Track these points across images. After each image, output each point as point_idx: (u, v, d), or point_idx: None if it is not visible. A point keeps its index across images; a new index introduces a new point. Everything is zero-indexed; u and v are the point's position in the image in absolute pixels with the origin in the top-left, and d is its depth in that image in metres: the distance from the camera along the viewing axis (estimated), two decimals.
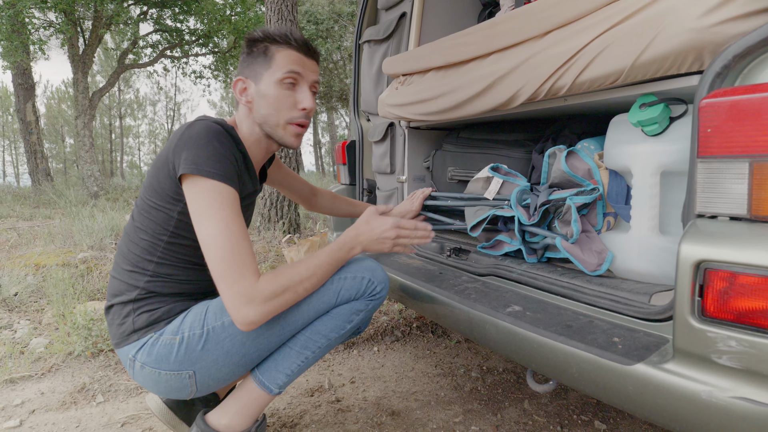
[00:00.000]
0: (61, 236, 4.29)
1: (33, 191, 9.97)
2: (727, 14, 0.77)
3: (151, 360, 1.03)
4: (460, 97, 1.37)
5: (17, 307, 2.52)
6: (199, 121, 1.02)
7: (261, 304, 0.94)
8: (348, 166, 2.22)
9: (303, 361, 1.12)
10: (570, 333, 0.90)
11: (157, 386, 1.07)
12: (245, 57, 1.12)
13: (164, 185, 1.02)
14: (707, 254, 0.69)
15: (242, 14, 10.70)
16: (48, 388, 1.69)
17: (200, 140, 0.98)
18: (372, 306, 1.16)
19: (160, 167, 1.02)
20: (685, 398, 0.71)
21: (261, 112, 1.11)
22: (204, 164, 0.96)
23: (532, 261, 1.28)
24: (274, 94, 1.09)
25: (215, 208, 0.95)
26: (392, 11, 2.09)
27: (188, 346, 1.02)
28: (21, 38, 8.54)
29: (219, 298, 1.09)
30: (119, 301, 1.07)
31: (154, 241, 1.05)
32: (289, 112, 1.11)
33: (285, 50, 1.09)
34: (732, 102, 0.71)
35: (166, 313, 1.06)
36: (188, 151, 0.97)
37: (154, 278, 1.06)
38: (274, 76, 1.08)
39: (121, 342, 1.06)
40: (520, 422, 1.48)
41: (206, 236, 0.95)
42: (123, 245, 1.10)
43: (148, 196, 1.06)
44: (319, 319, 1.12)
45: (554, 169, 1.28)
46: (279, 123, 1.11)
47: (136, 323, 1.05)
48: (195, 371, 1.04)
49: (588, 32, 1.02)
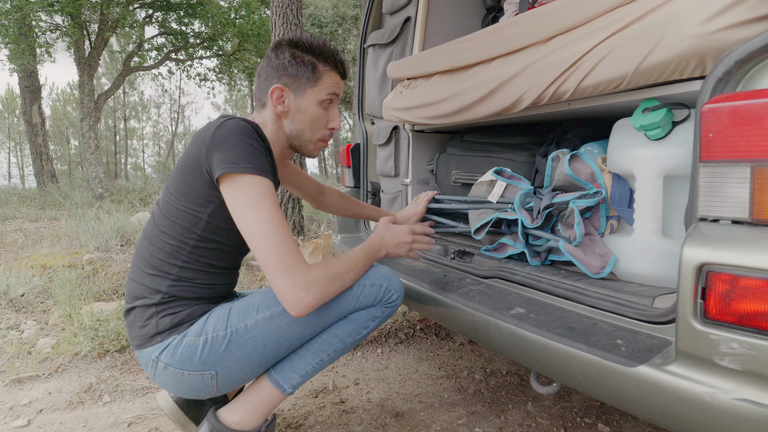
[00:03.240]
0: (67, 237, 4.32)
1: (38, 193, 10.04)
2: (729, 21, 0.78)
3: (174, 361, 1.04)
4: (465, 101, 1.38)
5: (24, 308, 2.54)
6: (228, 120, 1.02)
7: (318, 289, 0.98)
8: (352, 169, 2.23)
9: (318, 362, 1.14)
10: (573, 335, 0.91)
11: (178, 386, 1.08)
12: (287, 65, 1.11)
13: (196, 187, 1.02)
14: (709, 257, 0.70)
15: (246, 17, 10.76)
16: (55, 388, 1.70)
17: (234, 139, 0.99)
18: (388, 313, 1.18)
19: (190, 170, 1.03)
20: (687, 400, 0.71)
21: (296, 125, 1.14)
22: (242, 161, 0.97)
23: (535, 264, 1.29)
24: (314, 113, 1.14)
25: (258, 200, 0.97)
26: (397, 15, 2.10)
27: (212, 347, 1.04)
28: (28, 41, 8.62)
29: (241, 299, 1.12)
30: (141, 304, 1.07)
31: (180, 245, 1.06)
32: (321, 131, 1.17)
33: (332, 73, 1.14)
34: (734, 107, 0.72)
35: (189, 315, 1.07)
36: (223, 151, 0.98)
37: (177, 282, 1.06)
38: (317, 95, 1.12)
39: (144, 344, 1.07)
40: (523, 424, 1.49)
41: (254, 228, 0.96)
42: (143, 249, 1.10)
43: (176, 199, 1.05)
44: (337, 323, 1.14)
45: (558, 173, 1.29)
46: (312, 139, 1.17)
47: (159, 326, 1.05)
48: (217, 371, 1.06)
49: (591, 37, 1.03)
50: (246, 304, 1.09)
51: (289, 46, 1.12)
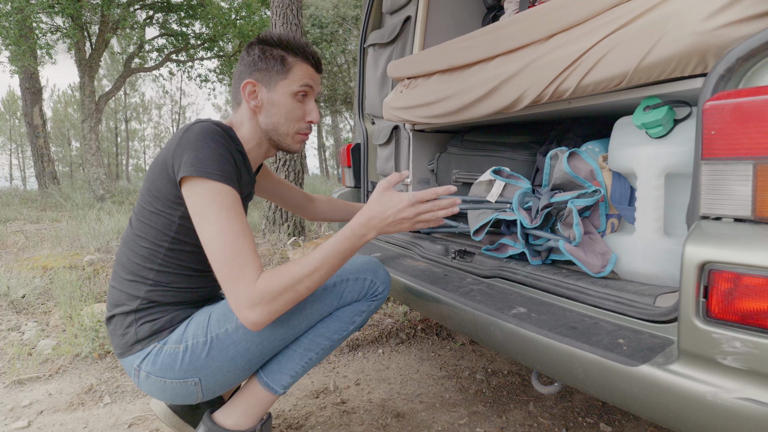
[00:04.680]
0: (68, 239, 4.32)
1: (40, 194, 10.05)
2: (730, 17, 0.78)
3: (155, 369, 1.03)
4: (465, 100, 1.38)
5: (25, 309, 2.54)
6: (197, 124, 1.01)
7: (261, 307, 0.91)
8: (353, 169, 2.23)
9: (306, 362, 1.13)
10: (575, 334, 0.90)
11: (163, 394, 1.07)
12: (257, 60, 1.10)
13: (165, 190, 1.01)
14: (712, 255, 0.69)
15: (247, 18, 10.76)
16: (55, 389, 1.70)
17: (198, 142, 0.97)
18: (374, 306, 1.17)
19: (159, 172, 1.01)
20: (690, 399, 0.71)
21: (272, 119, 1.11)
22: (203, 165, 0.95)
23: (536, 263, 1.28)
24: (287, 105, 1.11)
25: (215, 209, 0.94)
26: (397, 15, 2.10)
27: (192, 354, 1.02)
28: (29, 43, 8.63)
29: (221, 303, 1.09)
30: (120, 312, 1.06)
31: (155, 248, 1.04)
32: (298, 124, 1.14)
33: (302, 64, 1.11)
34: (736, 104, 0.71)
35: (169, 322, 1.05)
36: (187, 153, 0.96)
37: (154, 287, 1.05)
38: (289, 87, 1.10)
39: (125, 352, 1.06)
40: (525, 424, 1.48)
41: (208, 238, 0.94)
42: (122, 254, 1.09)
43: (147, 202, 1.04)
44: (322, 322, 1.13)
45: (556, 171, 1.28)
46: (289, 132, 1.14)
47: (138, 333, 1.04)
48: (200, 378, 1.04)
49: (592, 35, 1.02)
50: (225, 308, 1.06)
51: (259, 43, 1.11)
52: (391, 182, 1.00)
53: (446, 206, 1.00)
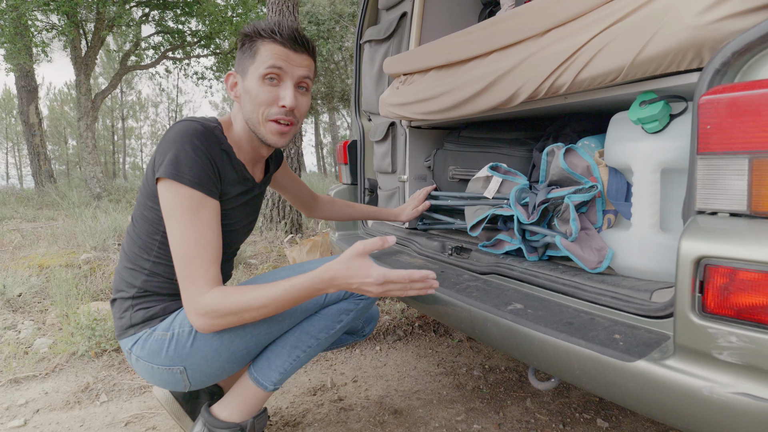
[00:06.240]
0: (65, 237, 4.30)
1: (36, 193, 10.00)
2: (726, 11, 0.77)
3: (144, 354, 1.07)
4: (461, 95, 1.37)
5: (21, 308, 2.53)
6: (179, 123, 1.02)
7: (204, 318, 0.96)
8: (349, 166, 2.23)
9: (295, 359, 1.14)
10: (571, 330, 0.90)
11: (152, 378, 1.11)
12: (237, 52, 1.10)
13: (151, 186, 1.04)
14: (707, 250, 0.69)
15: (244, 15, 10.71)
16: (52, 387, 1.70)
17: (175, 143, 0.98)
18: (362, 305, 1.16)
19: (149, 168, 1.05)
20: (686, 394, 0.71)
21: (246, 109, 1.08)
22: (175, 167, 0.96)
23: (533, 259, 1.28)
24: (255, 89, 1.04)
25: (180, 212, 0.97)
26: (393, 11, 2.09)
27: (178, 343, 1.05)
28: (24, 41, 8.57)
29: None
30: (120, 297, 1.12)
31: (150, 241, 1.08)
32: (267, 109, 1.05)
33: (269, 44, 1.03)
34: (731, 98, 0.71)
35: (162, 311, 1.09)
36: (164, 153, 0.98)
37: (150, 277, 1.09)
38: (257, 70, 1.04)
39: (121, 334, 1.11)
40: (522, 420, 1.49)
41: (171, 239, 0.98)
42: (126, 243, 1.14)
43: (142, 197, 1.08)
44: (308, 319, 1.14)
45: (553, 167, 1.28)
46: (259, 120, 1.06)
47: (133, 319, 1.09)
48: (186, 367, 1.07)
49: (588, 30, 1.02)
50: None
51: (240, 36, 1.09)
52: (368, 249, 0.94)
53: (419, 288, 0.97)
